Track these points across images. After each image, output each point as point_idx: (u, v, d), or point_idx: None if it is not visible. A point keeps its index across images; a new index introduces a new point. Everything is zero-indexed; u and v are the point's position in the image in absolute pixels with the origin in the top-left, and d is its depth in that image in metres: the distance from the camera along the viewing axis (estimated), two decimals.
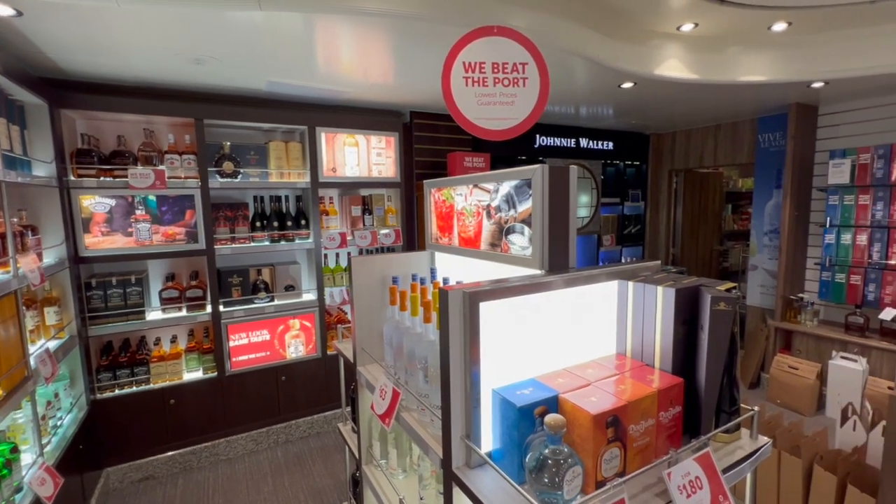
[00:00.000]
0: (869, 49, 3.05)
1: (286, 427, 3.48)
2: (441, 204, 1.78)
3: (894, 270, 3.58)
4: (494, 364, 1.10)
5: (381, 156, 3.65)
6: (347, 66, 2.82)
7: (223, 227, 3.20)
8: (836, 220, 3.90)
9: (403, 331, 1.46)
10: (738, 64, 3.23)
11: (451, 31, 2.17)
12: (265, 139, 3.43)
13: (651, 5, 2.63)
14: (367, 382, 1.73)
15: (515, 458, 1.01)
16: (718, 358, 1.11)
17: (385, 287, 1.83)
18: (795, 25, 2.90)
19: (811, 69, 3.18)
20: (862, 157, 3.69)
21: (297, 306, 3.42)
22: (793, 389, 3.92)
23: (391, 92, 3.43)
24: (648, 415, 1.02)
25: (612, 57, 2.80)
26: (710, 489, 0.98)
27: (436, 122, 4.05)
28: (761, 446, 1.18)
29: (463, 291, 1.01)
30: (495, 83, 1.77)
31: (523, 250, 1.32)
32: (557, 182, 1.24)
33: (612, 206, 5.54)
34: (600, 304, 1.28)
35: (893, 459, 1.96)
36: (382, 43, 2.43)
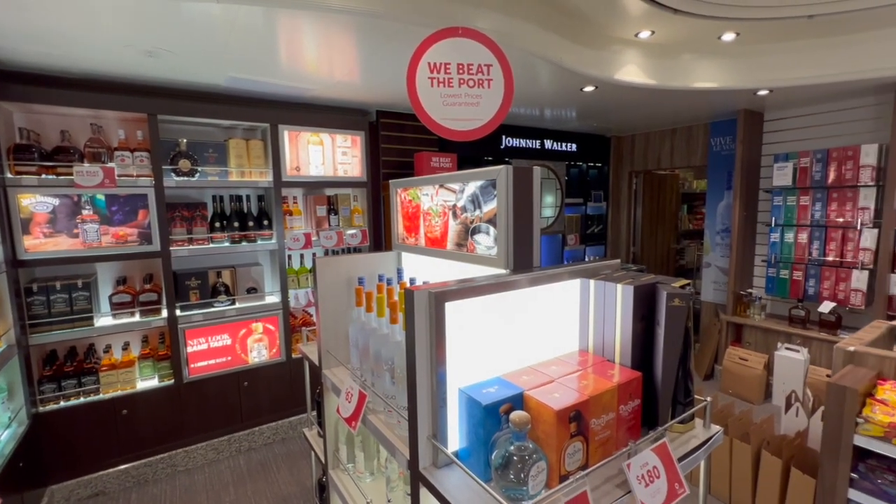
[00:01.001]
0: (808, 60, 3.27)
1: (249, 434, 3.37)
2: (407, 204, 1.77)
3: (831, 266, 3.85)
4: (461, 363, 1.10)
5: (346, 155, 3.59)
6: (311, 64, 2.76)
7: (180, 227, 3.06)
8: (781, 220, 4.15)
9: (370, 332, 1.44)
10: (692, 71, 3.39)
11: (417, 30, 2.17)
12: (225, 136, 3.30)
13: (611, 12, 2.71)
14: (333, 385, 1.70)
15: (482, 455, 1.02)
16: (674, 352, 1.16)
17: (351, 288, 1.81)
18: (743, 36, 3.07)
19: (757, 77, 3.38)
20: (802, 160, 3.95)
21: (259, 309, 3.32)
22: (743, 380, 4.15)
23: (357, 90, 3.38)
24: (609, 409, 1.06)
25: (574, 61, 2.87)
26: (666, 477, 1.02)
27: (403, 121, 4.03)
28: (713, 435, 1.24)
29: (429, 291, 1.01)
30: (460, 84, 1.78)
31: (489, 250, 1.34)
32: (521, 183, 1.26)
33: (575, 206, 5.69)
34: (564, 302, 1.31)
35: (830, 442, 2.10)
36: (347, 40, 2.40)
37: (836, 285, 3.82)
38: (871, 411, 2.01)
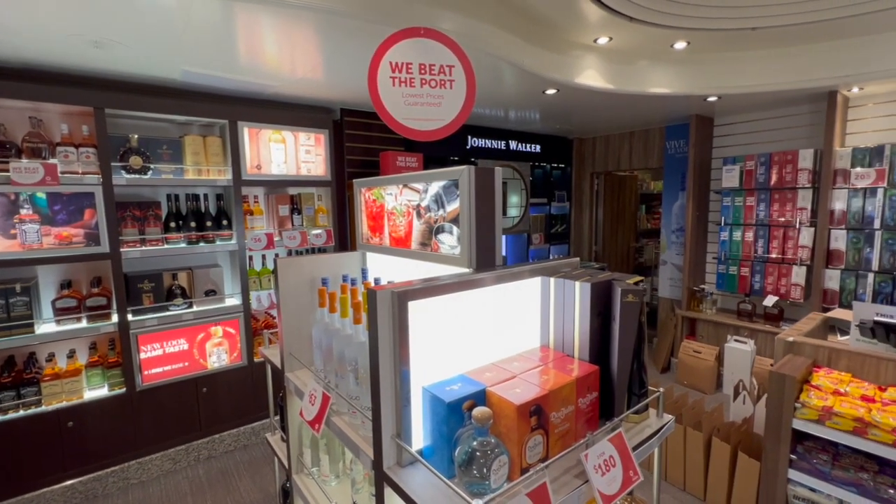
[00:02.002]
0: (752, 69, 3.49)
1: (209, 442, 3.24)
2: (371, 204, 1.76)
3: (774, 263, 4.12)
4: (425, 362, 1.11)
5: (310, 153, 3.53)
6: (272, 60, 2.69)
7: (131, 227, 2.91)
8: (729, 220, 4.40)
9: (333, 333, 1.43)
10: (647, 77, 3.53)
11: (379, 29, 2.16)
12: (180, 132, 3.17)
13: (571, 17, 2.79)
14: (296, 388, 1.66)
15: (445, 452, 1.03)
16: (629, 345, 1.21)
17: (314, 289, 1.78)
18: (694, 45, 3.23)
19: (706, 84, 3.57)
20: (748, 163, 4.21)
21: (219, 312, 3.20)
22: (696, 371, 4.37)
23: (320, 88, 3.33)
24: (568, 402, 1.09)
25: (535, 64, 2.94)
26: (622, 466, 1.07)
27: (368, 120, 4.00)
28: (666, 423, 1.30)
29: (392, 291, 1.02)
30: (422, 84, 1.79)
31: (452, 249, 1.35)
32: (484, 183, 1.28)
33: (540, 206, 5.82)
34: (526, 299, 1.34)
35: (773, 427, 2.26)
36: (308, 37, 2.36)
37: (778, 280, 4.09)
38: (808, 396, 2.17)
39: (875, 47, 3.12)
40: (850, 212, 3.66)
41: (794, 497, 2.26)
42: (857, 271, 3.65)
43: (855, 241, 3.65)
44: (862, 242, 3.62)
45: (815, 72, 3.34)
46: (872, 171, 3.51)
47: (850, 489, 2.05)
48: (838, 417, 2.04)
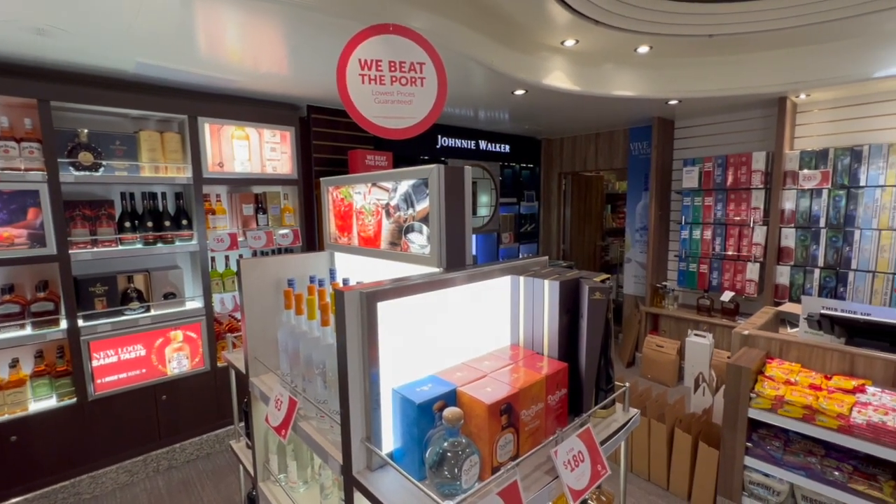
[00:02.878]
0: (710, 75, 3.64)
1: (169, 452, 3.10)
2: (339, 203, 1.73)
3: (730, 260, 4.32)
4: (395, 363, 1.09)
5: (275, 151, 3.43)
6: (234, 53, 2.59)
7: (81, 227, 2.74)
8: (689, 219, 4.59)
9: (300, 336, 1.39)
10: (612, 79, 3.63)
11: (348, 25, 2.12)
12: (135, 127, 3.01)
13: (539, 19, 2.83)
14: (262, 394, 1.61)
15: (416, 455, 1.01)
16: (596, 342, 1.23)
17: (280, 291, 1.72)
18: (656, 49, 3.34)
19: (668, 88, 3.70)
20: (707, 165, 4.39)
21: (179, 316, 3.06)
22: (660, 365, 4.53)
23: (286, 84, 3.24)
24: (538, 399, 1.10)
25: (505, 64, 2.96)
26: (590, 461, 1.09)
27: (335, 117, 3.92)
28: (632, 417, 1.34)
29: (360, 292, 0.99)
30: (392, 81, 1.76)
31: (422, 249, 1.34)
32: (453, 182, 1.28)
33: (509, 205, 5.88)
34: (496, 298, 1.35)
35: (730, 417, 2.36)
36: (273, 31, 2.28)
37: (734, 276, 4.29)
38: (762, 387, 2.28)
39: (820, 57, 3.32)
40: (799, 211, 3.88)
41: (750, 482, 2.38)
42: (804, 267, 3.88)
43: (803, 238, 3.88)
44: (809, 240, 3.85)
45: (766, 78, 3.52)
46: (818, 173, 3.73)
47: (800, 473, 2.17)
48: (789, 406, 2.15)
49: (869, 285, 3.57)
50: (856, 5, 2.64)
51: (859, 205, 3.58)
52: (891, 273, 3.47)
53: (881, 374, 2.16)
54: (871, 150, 3.51)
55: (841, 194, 3.66)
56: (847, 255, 3.66)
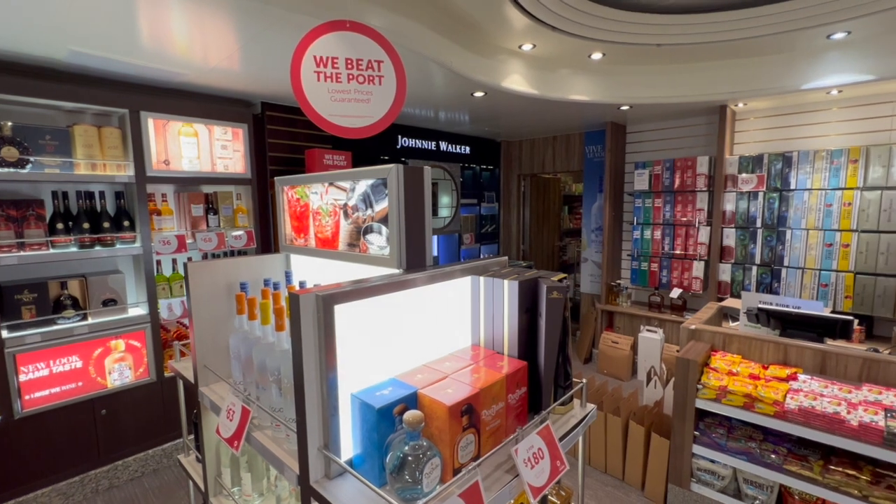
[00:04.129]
0: (658, 82, 3.83)
1: (110, 470, 2.89)
2: (295, 203, 1.67)
3: (678, 258, 4.56)
4: (354, 367, 1.06)
5: (227, 149, 3.27)
6: (181, 45, 2.46)
7: (5, 230, 2.50)
8: (641, 220, 4.80)
9: (253, 342, 1.33)
10: (568, 84, 3.74)
11: (303, 20, 2.05)
12: (68, 121, 2.78)
13: (498, 22, 2.87)
14: (212, 404, 1.53)
15: (376, 460, 0.99)
16: (554, 340, 1.25)
17: (232, 295, 1.64)
18: (608, 56, 3.47)
19: (619, 94, 3.86)
20: (656, 168, 4.61)
21: (120, 324, 2.86)
22: (615, 360, 4.70)
23: (238, 79, 3.10)
24: (499, 399, 1.11)
25: (464, 66, 2.98)
26: (550, 457, 1.11)
27: (292, 115, 3.81)
28: (589, 412, 1.37)
29: (316, 294, 0.96)
30: (349, 79, 1.72)
31: (381, 250, 1.31)
32: (413, 182, 1.26)
33: (470, 206, 5.92)
34: (457, 299, 1.35)
35: (679, 407, 2.49)
36: (224, 24, 2.18)
37: (682, 274, 4.53)
38: (707, 378, 2.41)
39: (756, 69, 3.57)
40: (738, 212, 4.15)
41: (698, 469, 2.51)
42: (744, 265, 4.16)
43: (742, 238, 4.15)
44: (747, 239, 4.12)
45: (709, 87, 3.74)
46: (755, 177, 4.01)
47: (742, 457, 2.31)
48: (732, 395, 2.29)
49: (799, 280, 3.87)
50: (784, 22, 2.86)
51: (790, 206, 3.88)
52: (818, 269, 3.78)
53: (811, 362, 2.34)
54: (799, 156, 3.81)
55: (774, 197, 3.94)
56: (780, 253, 3.95)
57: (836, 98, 3.70)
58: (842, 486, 2.03)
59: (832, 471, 2.08)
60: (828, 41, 3.15)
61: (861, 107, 3.66)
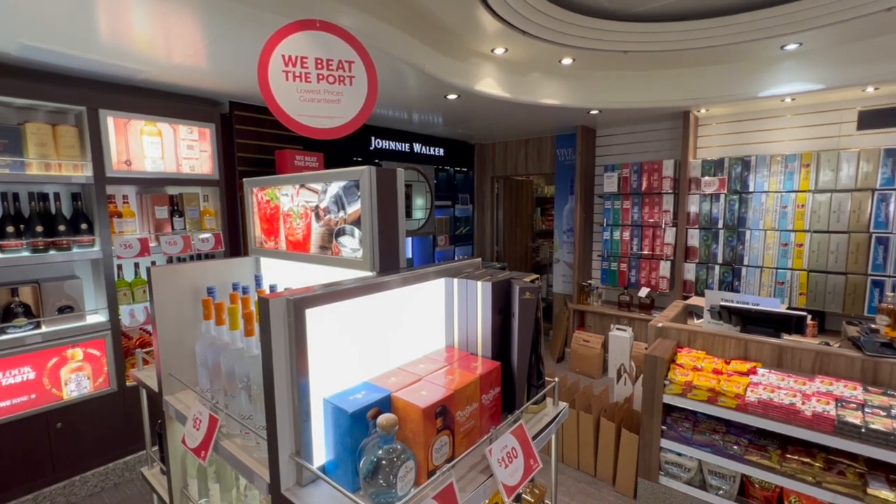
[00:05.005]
0: (626, 88, 3.94)
1: (66, 486, 2.74)
2: (265, 205, 1.63)
3: (646, 259, 4.70)
4: (326, 372, 1.05)
5: (193, 149, 3.17)
6: (142, 41, 2.36)
7: None
8: (610, 221, 4.92)
9: (221, 348, 1.29)
10: (539, 88, 3.80)
11: (271, 18, 2.02)
12: (19, 118, 2.63)
13: (471, 26, 2.89)
14: (178, 413, 1.47)
15: (350, 465, 0.98)
16: (527, 340, 1.27)
17: (198, 300, 1.59)
18: (578, 62, 3.55)
19: (589, 99, 3.95)
20: (624, 171, 4.75)
21: (78, 332, 2.72)
22: (586, 359, 4.80)
23: (204, 77, 3.01)
24: (473, 400, 1.11)
25: (436, 68, 2.99)
26: (523, 456, 1.12)
27: (261, 115, 3.72)
28: (561, 410, 1.40)
29: (286, 298, 0.94)
30: (319, 80, 1.70)
31: (354, 252, 1.30)
32: (386, 184, 1.26)
33: (444, 208, 5.94)
34: (430, 300, 1.35)
35: (648, 403, 2.56)
36: (189, 20, 2.11)
37: (650, 274, 4.68)
38: (674, 374, 2.49)
39: (716, 76, 3.73)
40: (702, 214, 4.31)
41: (666, 462, 2.59)
42: (707, 264, 4.32)
43: (705, 238, 4.32)
44: (710, 240, 4.30)
45: (672, 93, 3.88)
46: (716, 180, 4.18)
47: (706, 450, 2.40)
48: (696, 390, 2.38)
49: (758, 279, 4.06)
50: (741, 33, 3.00)
51: (749, 208, 4.07)
52: (775, 268, 3.97)
53: (769, 356, 2.46)
54: (757, 160, 4.00)
55: (735, 199, 4.13)
56: (741, 253, 4.13)
57: (790, 105, 3.90)
58: (798, 474, 2.14)
59: (789, 459, 2.19)
60: (782, 52, 3.32)
61: (812, 114, 3.88)
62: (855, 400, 2.07)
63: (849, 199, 3.59)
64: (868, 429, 1.93)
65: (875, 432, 1.92)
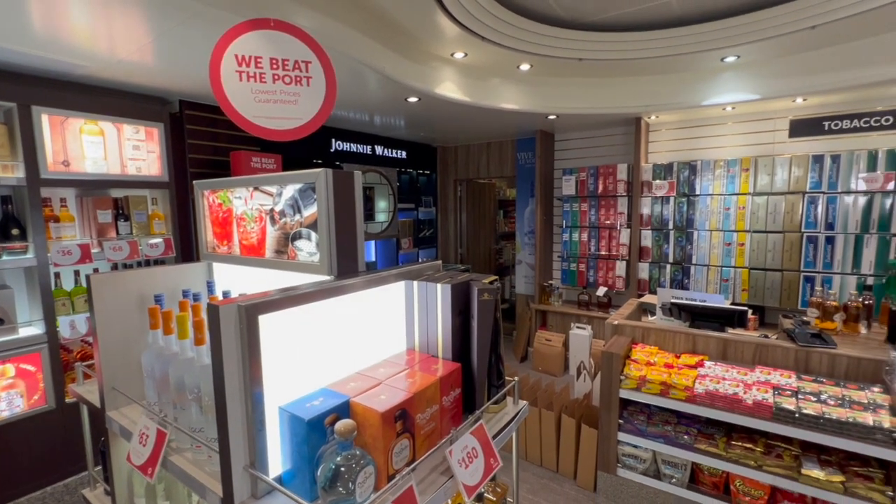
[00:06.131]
0: (581, 94, 4.08)
1: None
2: (217, 208, 1.57)
3: (603, 259, 4.87)
4: (283, 379, 1.02)
5: (139, 150, 3.01)
6: (81, 34, 2.22)
7: None
8: (569, 223, 5.07)
9: (170, 358, 1.23)
10: (499, 93, 3.87)
11: (225, 16, 1.95)
12: None
13: (430, 30, 2.91)
14: (122, 429, 1.39)
15: (307, 474, 0.96)
16: (486, 341, 1.29)
17: (145, 309, 1.51)
18: (536, 68, 3.64)
19: (546, 104, 4.06)
20: (582, 174, 4.91)
21: (9, 346, 2.51)
22: (548, 357, 4.91)
23: (151, 74, 2.87)
24: (433, 402, 1.12)
25: (396, 71, 2.98)
26: (483, 455, 1.13)
27: (215, 115, 3.58)
28: (521, 409, 1.43)
29: (238, 305, 0.91)
30: (275, 80, 1.66)
31: (311, 256, 1.28)
32: (343, 186, 1.24)
33: (408, 211, 5.92)
34: (391, 304, 1.34)
35: (605, 398, 2.65)
36: (134, 13, 2.01)
37: (607, 273, 4.85)
38: (629, 369, 2.60)
39: (664, 85, 3.93)
40: (654, 215, 4.52)
41: (623, 455, 2.69)
42: (659, 263, 4.54)
43: (657, 239, 4.53)
44: (662, 240, 4.51)
45: (625, 100, 4.06)
46: (666, 183, 4.40)
47: (660, 440, 2.51)
48: (650, 384, 2.49)
49: (705, 277, 4.30)
50: (684, 45, 3.18)
51: (696, 210, 4.30)
52: (720, 266, 4.22)
53: (714, 349, 2.61)
54: (702, 164, 4.24)
55: (683, 201, 4.35)
56: (689, 253, 4.36)
57: (731, 114, 4.17)
58: (741, 459, 2.28)
59: (734, 446, 2.33)
60: (722, 63, 3.55)
61: (750, 122, 4.16)
62: (790, 387, 2.24)
63: (783, 201, 3.87)
64: (801, 414, 2.09)
65: (807, 417, 2.08)
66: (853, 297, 2.70)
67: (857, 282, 3.57)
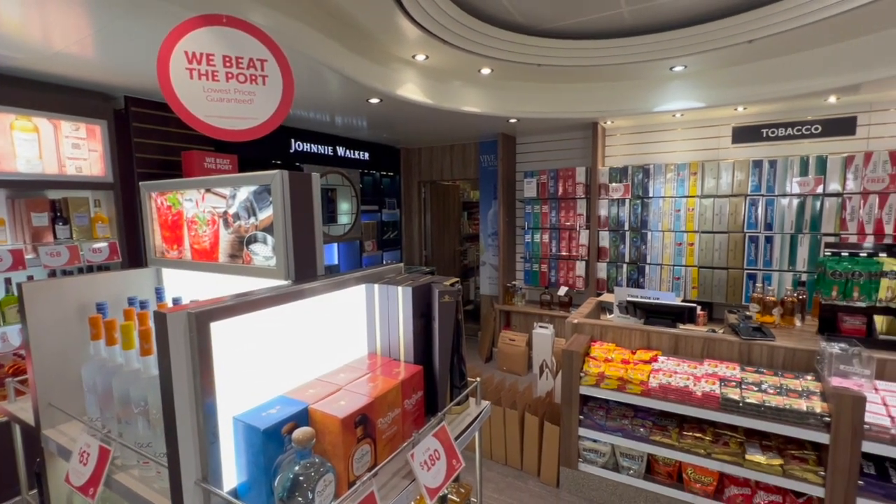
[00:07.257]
0: (541, 99, 4.18)
1: None
2: (166, 211, 1.50)
3: (564, 259, 5.01)
4: (237, 388, 0.99)
5: (80, 148, 2.82)
6: (12, 23, 2.06)
7: None
8: (531, 224, 5.18)
9: (113, 370, 1.16)
10: (461, 96, 3.90)
11: (173, 10, 1.86)
12: None
13: (391, 32, 2.89)
14: (61, 448, 1.30)
15: (264, 486, 0.93)
16: (448, 342, 1.30)
17: (86, 318, 1.41)
18: (496, 72, 3.70)
19: (507, 108, 4.13)
20: (542, 177, 5.02)
21: None
22: (512, 357, 4.99)
23: (92, 68, 2.70)
24: (394, 406, 1.11)
25: (356, 71, 2.95)
26: (446, 457, 1.14)
27: (164, 112, 3.41)
28: (483, 409, 1.44)
29: (187, 312, 0.87)
30: (228, 78, 1.60)
31: (267, 260, 1.24)
32: (300, 188, 1.21)
33: (371, 213, 5.86)
34: (352, 308, 1.32)
35: (566, 395, 2.73)
36: (69, 1, 1.88)
37: (567, 274, 4.99)
38: (588, 366, 2.68)
39: (618, 91, 4.09)
40: (611, 217, 4.70)
41: (584, 449, 2.77)
42: (616, 263, 4.71)
43: (614, 239, 4.71)
44: (618, 241, 4.69)
45: (582, 105, 4.19)
46: (622, 186, 4.57)
47: (618, 434, 2.61)
48: (608, 380, 2.57)
49: (659, 275, 4.50)
50: (635, 54, 3.33)
51: (650, 212, 4.50)
52: (672, 265, 4.43)
53: (667, 344, 2.74)
54: (655, 168, 4.44)
55: (638, 203, 4.54)
56: (644, 252, 4.56)
57: (680, 120, 4.39)
58: (692, 448, 2.40)
59: (685, 436, 2.45)
60: (671, 72, 3.73)
61: (697, 128, 4.40)
62: (734, 378, 2.38)
63: (727, 203, 4.12)
64: (745, 403, 2.22)
65: (750, 405, 2.22)
66: (789, 293, 2.90)
67: (793, 278, 3.85)
